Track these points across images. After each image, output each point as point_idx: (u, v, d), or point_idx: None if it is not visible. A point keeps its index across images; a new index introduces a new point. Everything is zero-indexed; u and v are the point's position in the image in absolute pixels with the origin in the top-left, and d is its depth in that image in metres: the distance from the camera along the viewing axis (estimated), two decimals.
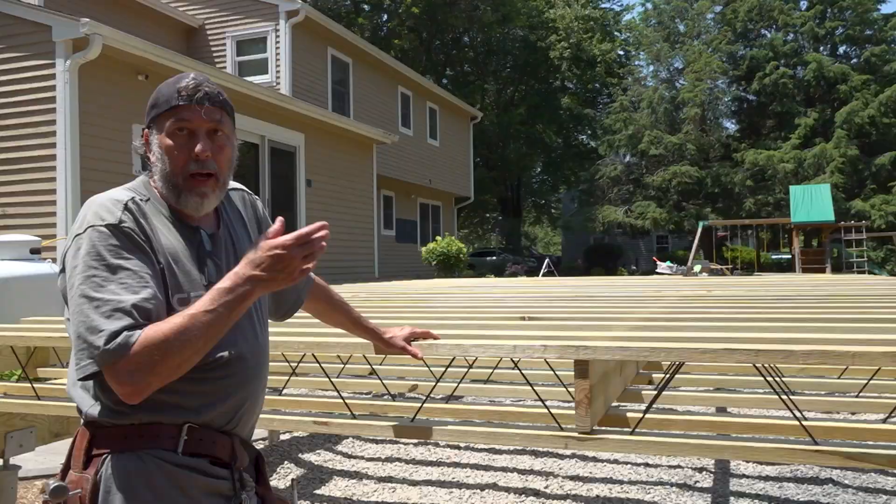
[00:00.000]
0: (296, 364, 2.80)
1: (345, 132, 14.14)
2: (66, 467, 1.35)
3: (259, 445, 4.94)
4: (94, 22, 8.32)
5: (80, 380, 1.27)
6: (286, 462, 4.28)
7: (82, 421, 1.36)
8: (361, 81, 17.58)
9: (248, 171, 11.56)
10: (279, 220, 1.34)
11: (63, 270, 1.34)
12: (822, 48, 29.32)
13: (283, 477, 3.99)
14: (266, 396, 2.84)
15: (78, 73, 8.40)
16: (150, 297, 1.27)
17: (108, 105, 8.86)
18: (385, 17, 33.84)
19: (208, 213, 1.49)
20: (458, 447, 4.76)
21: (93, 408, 1.32)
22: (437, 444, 4.76)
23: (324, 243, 1.29)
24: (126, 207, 1.34)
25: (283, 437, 4.80)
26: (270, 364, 3.30)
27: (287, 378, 2.81)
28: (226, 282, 1.27)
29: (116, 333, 1.21)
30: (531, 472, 4.29)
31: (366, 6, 33.20)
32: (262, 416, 2.48)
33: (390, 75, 19.02)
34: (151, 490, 1.27)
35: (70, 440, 1.40)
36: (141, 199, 1.39)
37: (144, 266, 1.31)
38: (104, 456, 1.30)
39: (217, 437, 1.36)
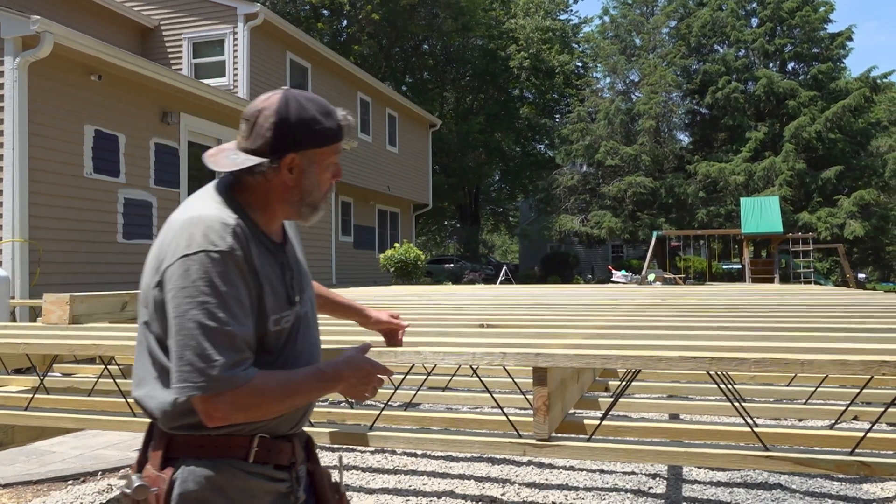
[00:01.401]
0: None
1: None
2: (142, 462, 1.43)
3: None
4: (46, 19, 8.11)
5: (174, 400, 1.32)
6: None
7: (159, 425, 1.41)
8: (320, 86, 17.48)
9: (204, 174, 11.39)
10: (366, 345, 1.56)
11: (160, 284, 1.36)
12: (771, 64, 30.16)
13: None
14: None
15: (28, 72, 8.17)
16: (252, 329, 1.36)
17: (59, 105, 8.64)
18: (345, 22, 33.72)
19: (278, 225, 1.53)
20: (416, 455, 4.75)
21: (174, 421, 1.37)
22: (393, 452, 4.74)
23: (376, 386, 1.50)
24: (234, 233, 1.36)
25: None
26: None
27: None
28: (328, 369, 1.43)
29: (230, 366, 1.30)
30: (488, 479, 4.30)
31: (325, 11, 33.03)
32: None
33: (349, 81, 18.95)
34: (224, 495, 1.36)
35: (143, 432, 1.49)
36: (241, 221, 1.40)
37: (248, 294, 1.37)
38: (180, 460, 1.37)
39: (282, 445, 1.44)
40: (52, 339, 2.62)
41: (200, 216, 1.37)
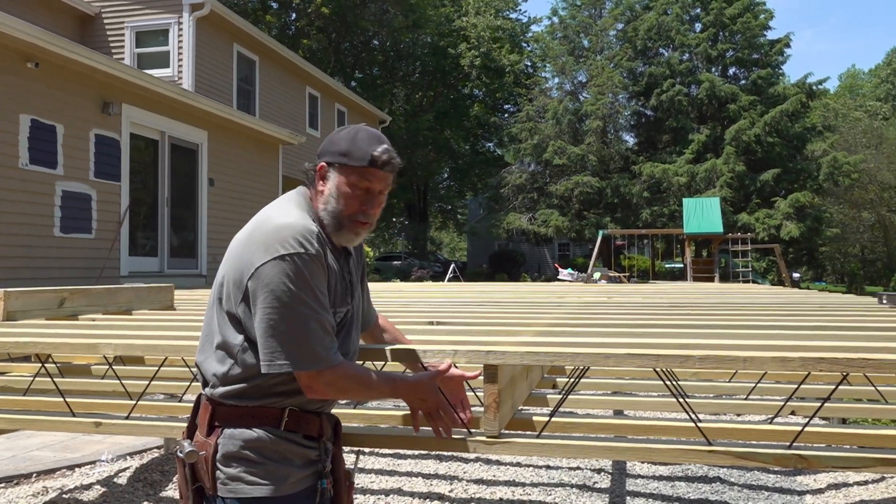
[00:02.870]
0: (196, 370, 2.69)
1: (250, 131, 13.79)
2: (191, 429, 1.71)
3: (154, 454, 4.74)
4: None
5: (268, 372, 1.57)
6: None
7: (206, 393, 1.67)
8: (268, 80, 17.21)
9: (147, 167, 11.09)
10: (438, 372, 1.84)
11: (254, 277, 1.58)
12: (714, 69, 30.96)
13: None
14: (164, 403, 2.72)
15: None
16: (332, 317, 1.65)
17: None
18: (293, 15, 33.26)
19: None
20: (363, 452, 4.72)
21: (219, 389, 1.63)
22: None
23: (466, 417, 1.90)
24: (318, 238, 1.63)
25: None
26: (170, 369, 3.18)
27: (188, 384, 2.71)
28: (399, 380, 1.76)
29: (327, 347, 1.59)
30: (435, 476, 4.31)
31: (274, 4, 32.52)
32: (159, 423, 2.38)
33: (298, 75, 18.72)
34: (259, 454, 1.60)
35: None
36: (320, 228, 1.67)
37: (327, 289, 1.65)
38: (223, 426, 1.62)
39: (310, 418, 1.68)
40: None
41: (291, 224, 1.62)
